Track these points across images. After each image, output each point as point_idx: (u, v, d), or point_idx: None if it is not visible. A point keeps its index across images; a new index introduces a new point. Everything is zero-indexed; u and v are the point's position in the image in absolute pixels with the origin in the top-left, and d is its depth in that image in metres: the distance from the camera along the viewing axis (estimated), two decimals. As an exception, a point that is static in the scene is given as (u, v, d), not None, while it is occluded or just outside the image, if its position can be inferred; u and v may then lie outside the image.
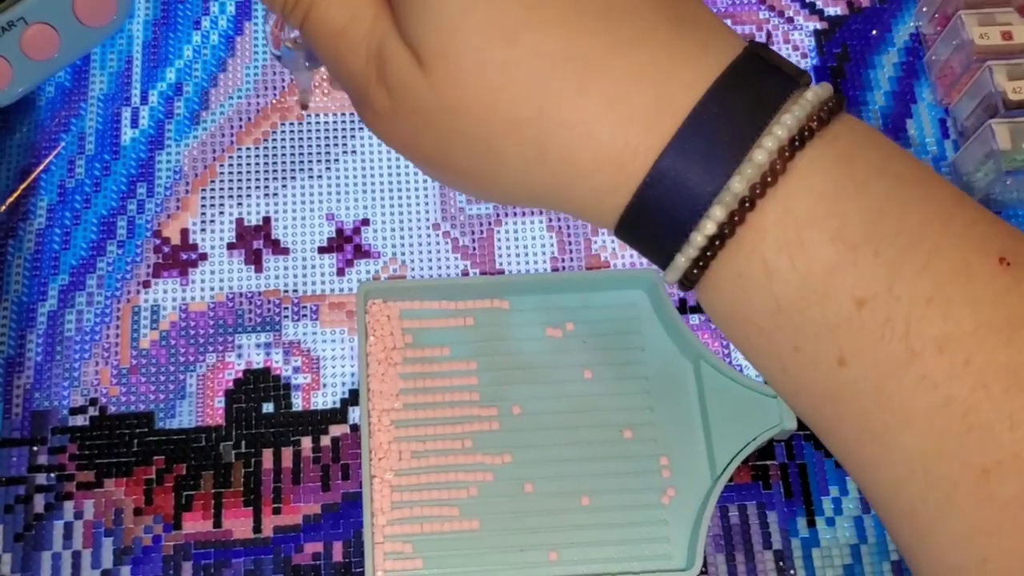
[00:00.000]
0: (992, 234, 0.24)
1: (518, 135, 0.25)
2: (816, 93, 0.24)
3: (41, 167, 0.49)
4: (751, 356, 0.26)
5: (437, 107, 0.25)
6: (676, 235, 0.25)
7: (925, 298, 0.23)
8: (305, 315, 0.47)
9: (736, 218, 0.24)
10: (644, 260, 0.47)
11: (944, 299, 0.23)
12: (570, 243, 0.49)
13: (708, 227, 0.24)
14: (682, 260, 0.25)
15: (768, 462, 0.45)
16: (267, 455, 0.44)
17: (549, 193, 0.26)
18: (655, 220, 0.25)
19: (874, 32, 0.54)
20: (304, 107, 0.45)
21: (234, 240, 0.48)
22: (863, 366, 0.23)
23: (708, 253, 0.24)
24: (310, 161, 0.50)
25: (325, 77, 0.51)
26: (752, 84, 0.24)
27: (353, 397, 0.45)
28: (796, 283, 0.24)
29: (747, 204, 0.24)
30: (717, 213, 0.24)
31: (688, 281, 0.25)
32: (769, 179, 0.23)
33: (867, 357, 0.23)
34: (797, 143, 0.24)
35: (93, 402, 0.45)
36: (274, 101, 0.51)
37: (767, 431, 0.43)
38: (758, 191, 0.24)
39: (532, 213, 0.49)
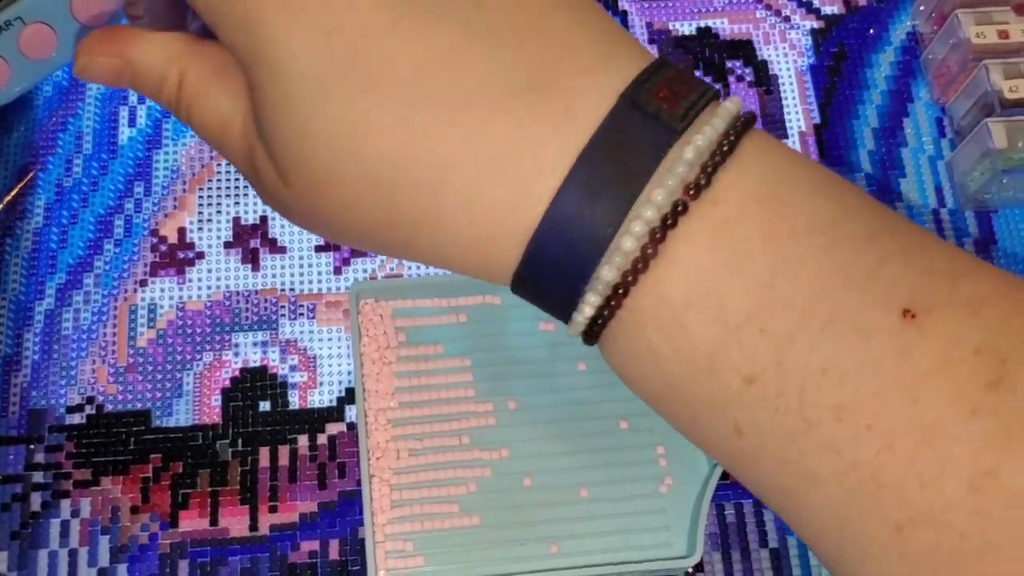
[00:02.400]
0: (900, 278, 0.22)
1: (389, 234, 0.25)
2: (696, 148, 0.22)
3: (39, 166, 0.49)
4: (660, 413, 0.26)
5: (308, 212, 0.25)
6: (561, 312, 0.24)
7: (819, 369, 0.22)
8: (302, 314, 0.47)
9: (612, 303, 0.23)
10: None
11: (839, 368, 0.22)
12: (567, 242, 0.49)
13: (586, 311, 0.23)
14: (572, 331, 0.25)
15: (765, 460, 0.45)
16: (264, 453, 0.44)
17: (434, 262, 0.26)
18: (541, 296, 0.24)
19: (871, 31, 0.54)
20: None
21: (231, 239, 0.48)
22: (760, 436, 0.23)
23: (594, 329, 0.24)
24: (307, 160, 0.50)
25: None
26: (620, 152, 0.23)
27: (350, 395, 0.45)
28: (682, 363, 0.23)
29: (620, 291, 0.23)
30: (592, 299, 0.23)
31: (588, 341, 0.25)
32: (640, 266, 0.22)
33: (763, 429, 0.23)
34: (669, 222, 0.22)
35: (90, 400, 0.45)
36: (271, 100, 0.51)
37: None
38: (630, 279, 0.23)
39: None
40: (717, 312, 0.22)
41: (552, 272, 0.23)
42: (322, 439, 0.45)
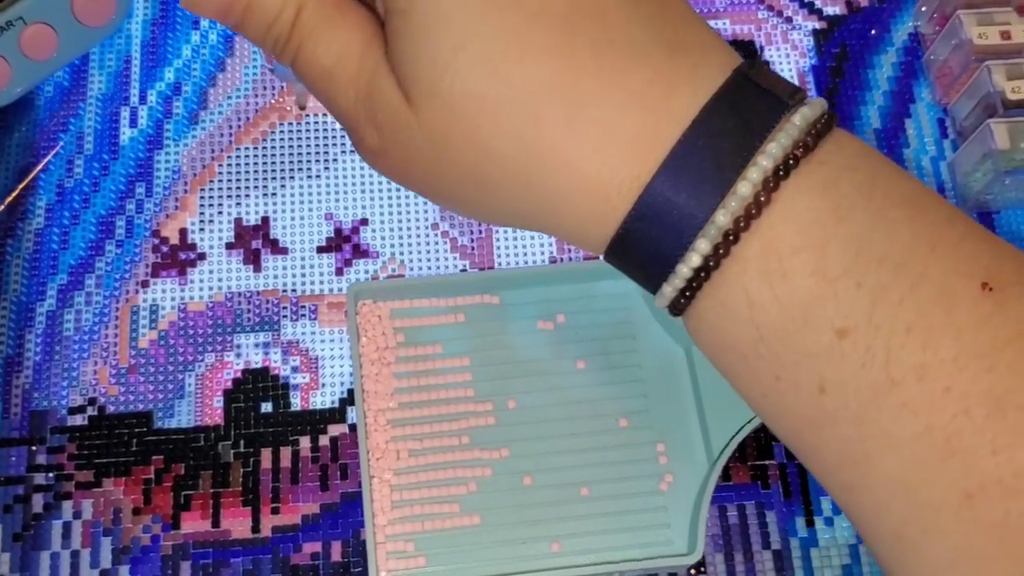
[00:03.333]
0: (978, 255, 0.24)
1: (505, 168, 0.25)
2: (804, 116, 0.24)
3: (40, 167, 0.49)
4: (734, 382, 0.26)
5: (426, 144, 0.25)
6: (663, 266, 0.25)
7: (905, 327, 0.23)
8: (304, 315, 0.47)
9: (720, 251, 0.24)
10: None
11: (924, 327, 0.23)
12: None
13: (693, 259, 0.24)
14: (669, 290, 0.25)
15: (767, 462, 0.45)
16: (266, 455, 0.44)
17: (538, 221, 0.26)
18: (641, 251, 0.25)
19: (873, 32, 0.54)
20: (302, 108, 0.45)
21: (233, 240, 0.48)
22: (843, 394, 0.24)
23: (694, 284, 0.25)
24: (309, 161, 0.50)
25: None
26: (739, 111, 0.24)
27: (351, 396, 0.45)
28: (777, 313, 0.24)
29: (731, 237, 0.24)
30: (702, 246, 0.24)
31: (676, 309, 0.26)
32: (753, 211, 0.24)
33: (848, 386, 0.23)
34: (782, 172, 0.24)
35: (92, 402, 0.45)
36: (273, 101, 0.51)
37: None
38: (742, 224, 0.24)
39: (531, 213, 0.49)
40: (818, 262, 0.23)
41: (664, 219, 0.24)
42: (324, 440, 0.45)
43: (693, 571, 0.43)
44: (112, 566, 0.42)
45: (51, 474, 0.43)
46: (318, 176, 0.49)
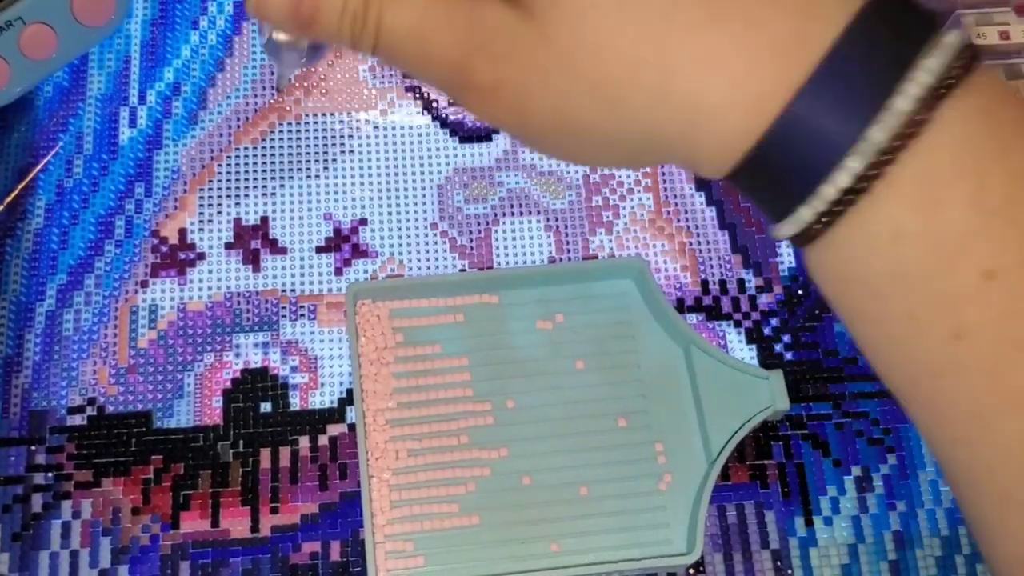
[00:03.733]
0: None
1: (641, 77, 0.23)
2: (957, 36, 0.22)
3: (39, 167, 0.49)
4: (856, 320, 0.24)
5: (552, 59, 0.23)
6: (803, 186, 0.22)
7: None
8: (303, 315, 0.47)
9: (873, 171, 0.22)
10: (631, 250, 0.48)
11: None
12: (568, 242, 0.49)
13: (842, 179, 0.22)
14: (807, 213, 0.23)
15: (766, 462, 0.45)
16: (265, 455, 0.44)
17: (667, 142, 0.24)
18: (780, 168, 0.23)
19: (872, 32, 0.54)
20: (279, 90, 0.44)
21: (232, 240, 0.48)
22: (980, 342, 0.22)
23: (837, 208, 0.22)
24: (308, 161, 0.50)
25: (323, 78, 0.51)
26: (892, 23, 0.22)
27: (351, 396, 0.46)
28: (924, 247, 0.22)
29: (886, 156, 0.21)
30: (853, 164, 0.22)
31: (805, 237, 0.23)
32: (910, 131, 0.21)
33: (986, 333, 0.22)
34: (941, 91, 0.21)
35: (91, 402, 0.45)
36: (272, 101, 0.51)
37: (759, 412, 0.43)
38: (898, 143, 0.21)
39: (529, 213, 0.49)
40: (975, 193, 0.22)
41: (811, 133, 0.22)
42: (323, 440, 0.45)
43: (692, 571, 0.43)
44: (111, 566, 0.42)
45: (50, 474, 0.44)
46: (317, 176, 0.49)
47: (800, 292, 0.48)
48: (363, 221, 0.49)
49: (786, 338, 0.47)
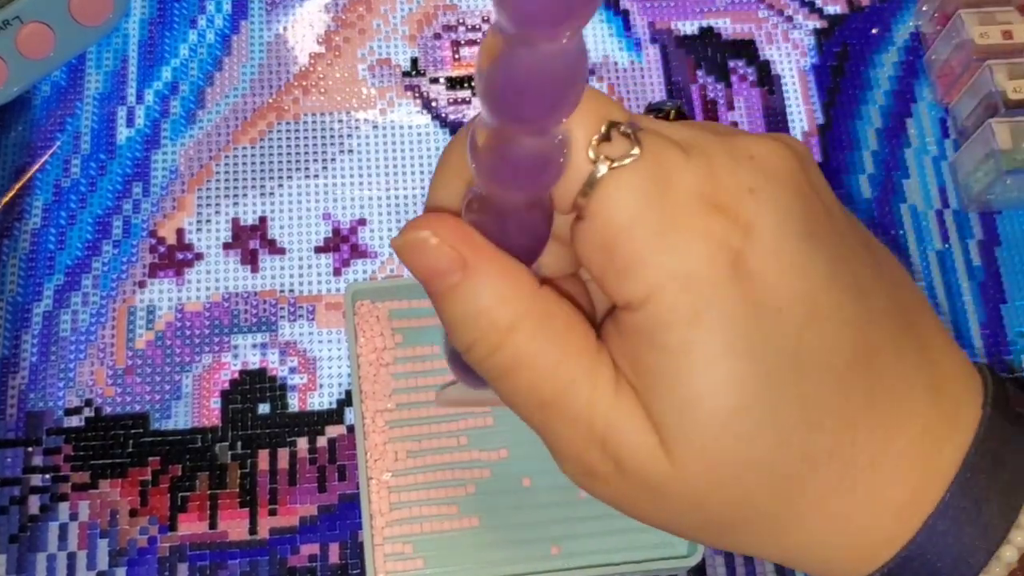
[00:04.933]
0: None
1: (762, 523, 0.24)
2: None
3: (36, 166, 0.48)
4: None
5: (677, 497, 0.23)
6: None
7: None
8: (301, 315, 0.47)
9: None
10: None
11: None
12: (568, 243, 0.48)
13: None
14: None
15: (767, 463, 0.45)
16: (263, 456, 0.44)
17: (779, 560, 0.25)
18: None
19: (874, 31, 0.54)
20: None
21: (230, 240, 0.48)
22: None
23: None
24: (307, 160, 0.49)
25: (322, 77, 0.51)
26: (1000, 461, 0.23)
27: (349, 398, 0.45)
28: None
29: None
30: None
31: None
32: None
33: None
34: None
35: (88, 403, 0.45)
36: (270, 100, 0.50)
37: None
38: None
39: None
40: None
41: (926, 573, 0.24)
42: (322, 442, 0.44)
43: (693, 574, 0.43)
44: (109, 568, 0.42)
45: (47, 476, 0.43)
46: (316, 176, 0.49)
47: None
48: (362, 221, 0.48)
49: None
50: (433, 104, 0.51)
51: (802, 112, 0.52)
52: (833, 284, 0.23)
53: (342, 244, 0.48)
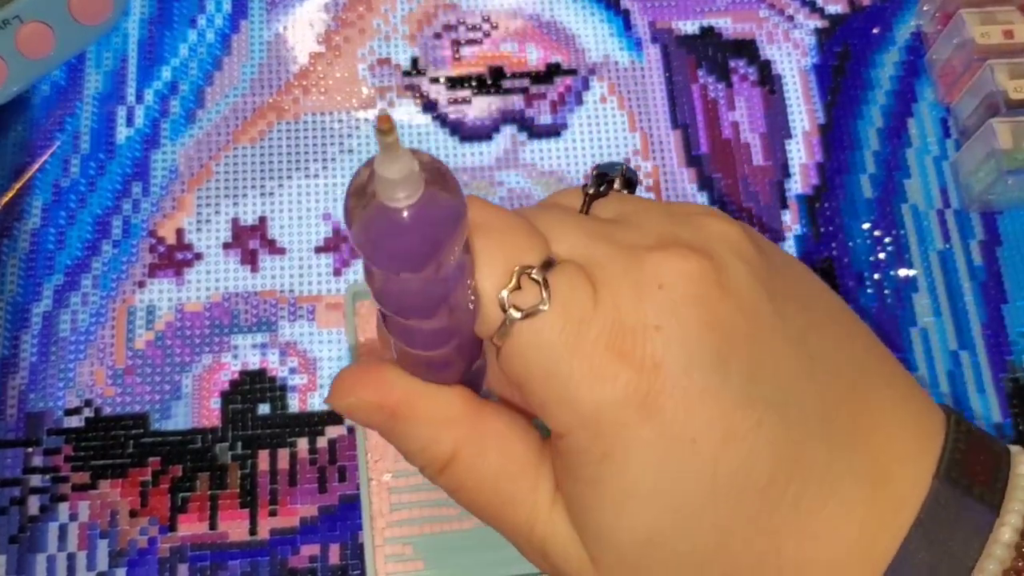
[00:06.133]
0: None
1: None
2: (1014, 528, 0.23)
3: (36, 166, 0.48)
4: None
5: None
6: None
7: None
8: (301, 315, 0.46)
9: None
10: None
11: None
12: (569, 243, 0.48)
13: None
14: None
15: (768, 463, 0.45)
16: (263, 456, 0.44)
17: None
18: None
19: (875, 31, 0.54)
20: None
21: (230, 240, 0.48)
22: None
23: None
24: (307, 160, 0.49)
25: (322, 77, 0.51)
26: (944, 541, 0.23)
27: (350, 398, 0.45)
28: None
29: None
30: None
31: None
32: None
33: None
34: None
35: (88, 403, 0.44)
36: (270, 100, 0.50)
37: None
38: None
39: (530, 213, 0.49)
40: None
41: None
42: (322, 442, 0.44)
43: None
44: (109, 568, 0.42)
45: (47, 476, 0.43)
46: (316, 176, 0.49)
47: (802, 293, 0.48)
48: (362, 221, 0.48)
49: (788, 339, 0.47)
50: (433, 104, 0.51)
51: (803, 112, 0.52)
52: (751, 402, 0.23)
53: (342, 244, 0.48)
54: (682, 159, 0.50)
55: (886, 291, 0.48)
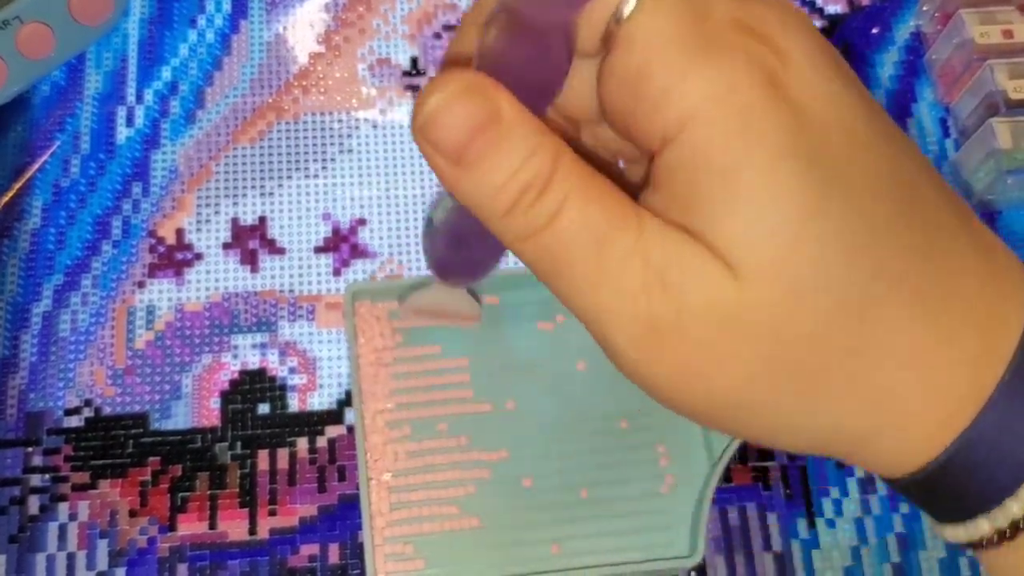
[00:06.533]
0: None
1: (843, 366, 0.21)
2: None
3: (36, 166, 0.48)
4: None
5: (749, 323, 0.21)
6: (985, 500, 0.22)
7: None
8: (301, 315, 0.46)
9: None
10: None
11: None
12: (568, 243, 0.48)
13: (1014, 508, 0.21)
14: (986, 526, 0.22)
15: (768, 463, 0.45)
16: (263, 456, 0.44)
17: (844, 439, 0.23)
18: (958, 485, 0.22)
19: (875, 30, 0.54)
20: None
21: (230, 240, 0.48)
22: None
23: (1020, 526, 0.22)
24: (306, 160, 0.49)
25: (322, 77, 0.51)
26: None
27: (349, 398, 0.45)
28: None
29: None
30: None
31: (984, 544, 0.23)
32: None
33: None
34: None
35: (88, 403, 0.44)
36: (270, 100, 0.50)
37: None
38: None
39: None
40: None
41: (995, 451, 0.22)
42: (321, 442, 0.44)
43: (694, 573, 0.43)
44: (108, 568, 0.42)
45: (47, 476, 0.43)
46: (316, 176, 0.49)
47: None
48: (362, 221, 0.48)
49: (788, 339, 0.47)
50: (433, 104, 0.51)
51: (803, 112, 0.52)
52: (871, 120, 0.22)
53: (342, 244, 0.48)
54: (682, 159, 0.50)
55: (886, 291, 0.48)
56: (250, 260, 0.47)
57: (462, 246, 0.24)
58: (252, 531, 0.43)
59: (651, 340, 0.21)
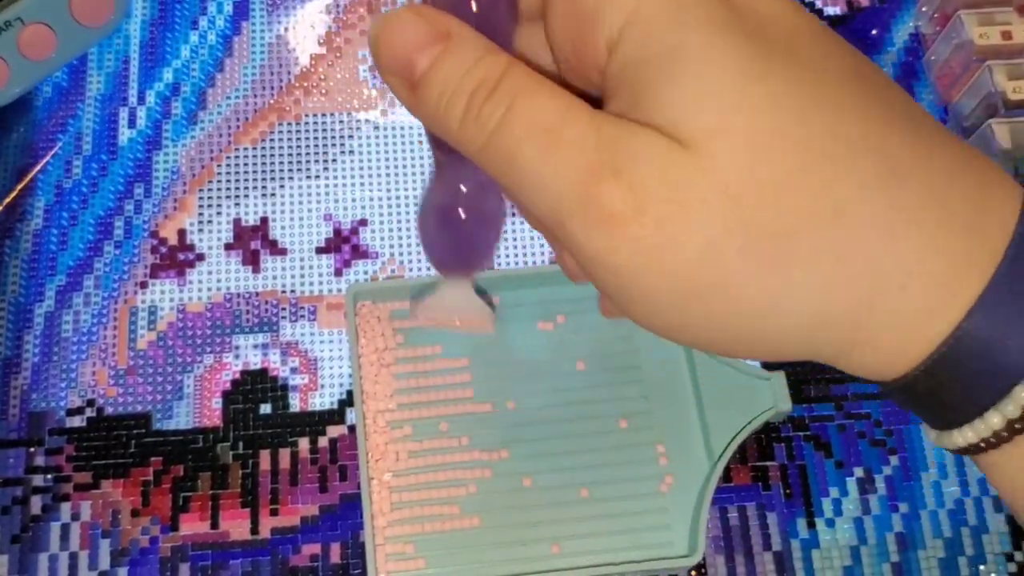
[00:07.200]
0: None
1: (814, 231, 0.20)
2: None
3: (38, 167, 0.49)
4: None
5: (705, 189, 0.20)
6: (975, 404, 0.21)
7: None
8: (303, 316, 0.47)
9: None
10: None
11: None
12: (569, 243, 0.48)
13: (1010, 409, 0.21)
14: (981, 428, 0.22)
15: (768, 463, 0.45)
16: (264, 456, 0.44)
17: (834, 328, 0.22)
18: (950, 387, 0.21)
19: (874, 32, 0.54)
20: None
21: (231, 240, 0.48)
22: None
23: (1017, 425, 0.21)
24: (308, 161, 0.49)
25: (323, 78, 0.51)
26: None
27: (351, 398, 0.45)
28: None
29: None
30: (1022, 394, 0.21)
31: (975, 449, 0.22)
32: None
33: None
34: None
35: (90, 403, 0.45)
36: (272, 101, 0.50)
37: (761, 414, 0.43)
38: None
39: (530, 213, 0.49)
40: None
41: (986, 353, 0.21)
42: (323, 442, 0.44)
43: (694, 573, 0.43)
44: (110, 568, 0.42)
45: (49, 476, 0.43)
46: (317, 176, 0.49)
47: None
48: (363, 222, 0.48)
49: (788, 339, 0.47)
50: (434, 105, 0.51)
51: (802, 113, 0.52)
52: (819, 27, 0.22)
53: (343, 245, 0.48)
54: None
55: (885, 291, 0.48)
56: (252, 261, 0.47)
57: (449, 223, 0.25)
58: (254, 531, 0.43)
59: (608, 227, 0.20)
